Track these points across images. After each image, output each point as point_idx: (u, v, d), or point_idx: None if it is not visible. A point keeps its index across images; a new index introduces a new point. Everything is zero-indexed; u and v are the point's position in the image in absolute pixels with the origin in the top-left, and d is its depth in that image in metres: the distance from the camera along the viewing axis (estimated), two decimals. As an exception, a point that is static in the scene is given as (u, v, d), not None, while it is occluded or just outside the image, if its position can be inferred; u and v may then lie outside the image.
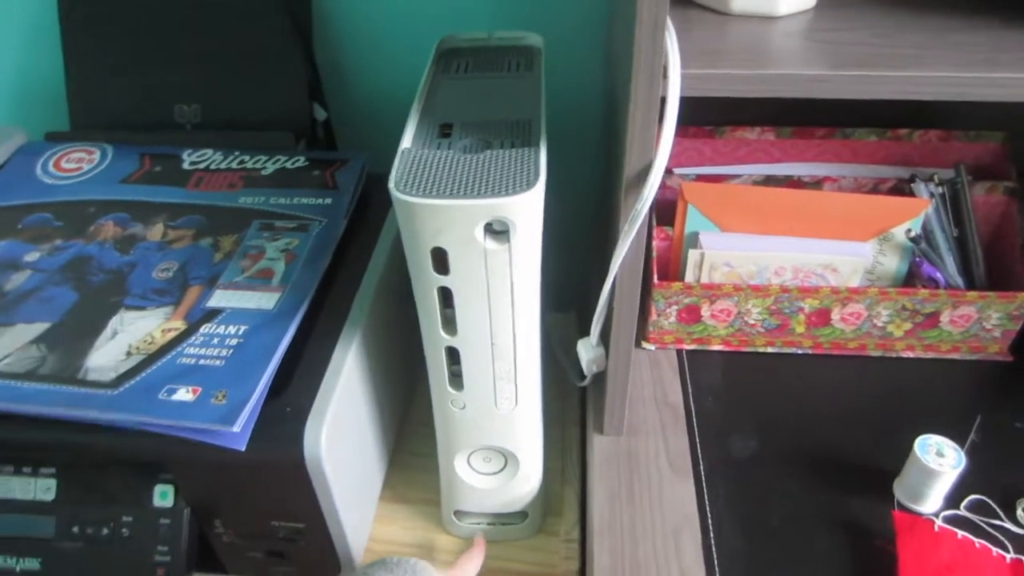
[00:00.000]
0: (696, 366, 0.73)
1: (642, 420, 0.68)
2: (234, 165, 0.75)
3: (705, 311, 0.72)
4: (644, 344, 0.75)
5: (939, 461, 0.57)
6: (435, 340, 0.56)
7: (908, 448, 0.58)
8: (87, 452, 0.55)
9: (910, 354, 0.72)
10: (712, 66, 0.49)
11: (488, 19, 0.82)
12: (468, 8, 0.82)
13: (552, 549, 0.68)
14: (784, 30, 0.55)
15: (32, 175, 0.74)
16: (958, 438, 0.60)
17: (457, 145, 0.53)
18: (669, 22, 0.46)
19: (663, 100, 0.49)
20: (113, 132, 0.79)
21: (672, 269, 0.74)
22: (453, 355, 0.56)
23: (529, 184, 0.48)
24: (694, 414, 0.68)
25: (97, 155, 0.76)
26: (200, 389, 0.53)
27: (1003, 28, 0.53)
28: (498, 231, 0.49)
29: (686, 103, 0.49)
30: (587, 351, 0.63)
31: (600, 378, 0.66)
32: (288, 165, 0.75)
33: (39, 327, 0.60)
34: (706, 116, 0.75)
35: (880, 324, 0.71)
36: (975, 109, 0.63)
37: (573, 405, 0.80)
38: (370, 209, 0.74)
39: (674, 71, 0.48)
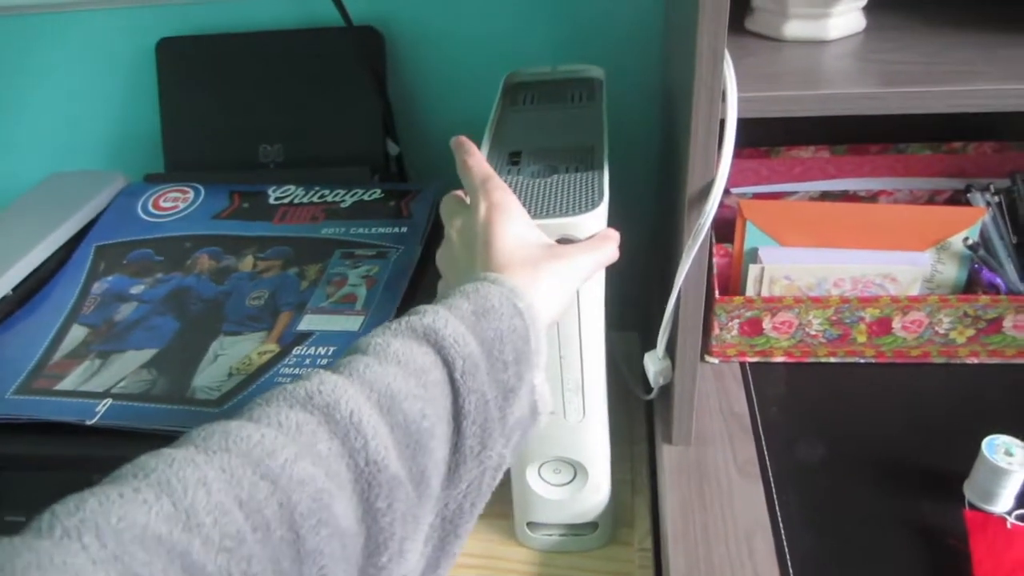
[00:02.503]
0: (760, 378, 0.75)
1: (709, 430, 0.70)
2: (315, 199, 0.80)
3: (767, 323, 0.74)
4: (708, 358, 0.77)
5: (1008, 460, 0.58)
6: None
7: (976, 450, 0.60)
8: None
9: (974, 360, 0.73)
10: (768, 89, 0.52)
11: (552, 52, 0.87)
12: (533, 43, 0.87)
13: (626, 558, 0.70)
14: (836, 53, 0.58)
15: (134, 214, 0.81)
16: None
17: (526, 171, 0.57)
18: (726, 50, 0.50)
19: (722, 122, 0.52)
20: (204, 172, 0.86)
21: (733, 285, 0.77)
22: (525, 367, 0.59)
23: (594, 204, 0.51)
24: (760, 423, 0.70)
25: (191, 194, 0.82)
26: (298, 404, 0.57)
27: (1050, 42, 0.55)
28: None
29: (743, 125, 0.52)
30: (654, 363, 0.66)
31: (667, 390, 0.68)
32: (365, 197, 0.80)
33: (148, 353, 0.65)
34: (762, 138, 0.78)
35: (942, 331, 0.72)
36: (1028, 119, 0.65)
37: (640, 422, 0.82)
38: (443, 236, 0.78)
39: (731, 94, 0.51)
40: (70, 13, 0.91)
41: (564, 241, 0.51)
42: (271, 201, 0.81)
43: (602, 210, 0.51)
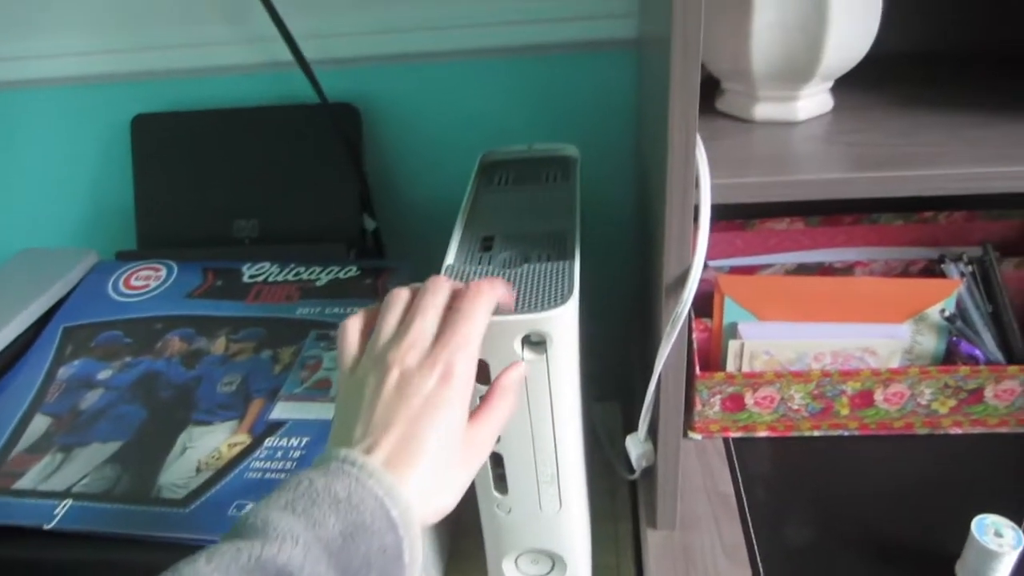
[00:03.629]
0: (744, 454, 0.74)
1: (694, 512, 0.69)
2: (290, 277, 0.79)
3: (748, 399, 0.73)
4: (691, 434, 0.76)
5: (998, 542, 0.57)
6: (479, 446, 0.58)
7: (966, 526, 0.59)
8: (160, 570, 0.58)
9: (958, 430, 0.73)
10: (740, 175, 0.52)
11: (528, 130, 0.87)
12: (509, 120, 0.88)
13: (611, 646, 0.68)
14: (805, 135, 0.59)
15: (104, 293, 0.79)
16: (1015, 514, 0.60)
17: (497, 259, 0.57)
18: (698, 137, 0.50)
19: (696, 207, 0.52)
20: (178, 249, 0.84)
21: (713, 359, 0.76)
22: (497, 460, 0.58)
23: (563, 299, 0.50)
24: (746, 503, 0.69)
25: (163, 272, 0.81)
26: (269, 502, 0.56)
27: (1016, 123, 0.56)
28: (536, 342, 0.52)
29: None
30: (636, 447, 0.65)
31: (650, 472, 0.67)
32: (341, 275, 0.79)
33: (112, 446, 0.63)
34: (736, 210, 0.79)
35: (924, 402, 0.71)
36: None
37: (624, 499, 0.80)
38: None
39: (705, 181, 0.51)
40: (44, 89, 0.91)
41: (534, 336, 0.50)
42: (245, 279, 0.80)
43: (572, 304, 0.50)
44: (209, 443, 0.62)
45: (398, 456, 0.41)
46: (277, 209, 0.86)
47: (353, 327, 0.49)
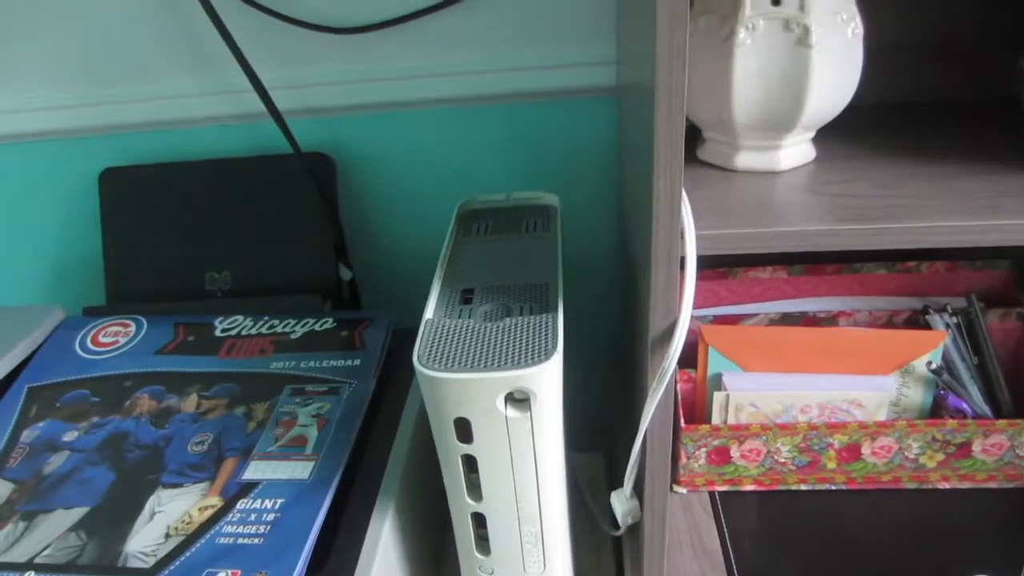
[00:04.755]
0: (730, 508, 0.72)
1: (681, 570, 0.67)
2: (264, 330, 0.77)
3: (735, 452, 0.72)
4: (676, 488, 0.75)
5: (991, 602, 0.56)
6: (461, 506, 0.56)
7: (957, 587, 0.57)
8: (126, 641, 0.55)
9: (946, 485, 0.72)
10: (724, 226, 0.52)
11: (506, 179, 0.86)
12: (487, 169, 0.87)
13: None
14: (788, 184, 0.58)
15: (71, 351, 0.77)
16: (1005, 572, 0.59)
17: (478, 312, 0.55)
18: (683, 191, 0.49)
19: (682, 260, 0.51)
20: (148, 303, 0.82)
21: (698, 411, 0.75)
22: (479, 520, 0.56)
23: (547, 355, 0.49)
24: (733, 560, 0.67)
25: (132, 328, 0.79)
26: (240, 572, 0.53)
27: (1002, 174, 0.55)
28: (519, 399, 0.50)
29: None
30: (621, 503, 0.63)
31: (635, 528, 0.65)
32: (316, 327, 0.77)
33: (78, 512, 0.60)
34: (719, 259, 0.78)
35: (912, 456, 0.70)
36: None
37: (608, 555, 0.78)
38: (398, 367, 0.75)
39: (690, 233, 0.50)
40: (9, 144, 0.89)
41: (518, 393, 0.49)
42: (217, 333, 0.78)
43: (556, 359, 0.49)
44: (179, 507, 0.60)
45: None
46: (250, 261, 0.85)
47: None
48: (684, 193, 0.50)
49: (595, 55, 0.79)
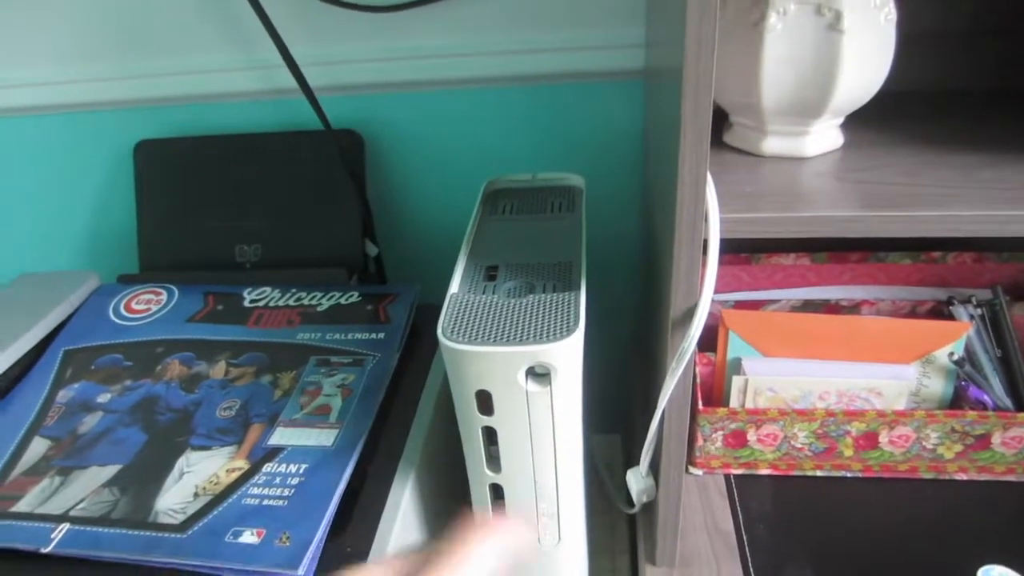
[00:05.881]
0: (745, 491, 0.73)
1: (694, 549, 0.68)
2: (291, 302, 0.79)
3: (751, 436, 0.72)
4: (692, 469, 0.75)
5: (1003, 592, 0.56)
6: (480, 477, 0.57)
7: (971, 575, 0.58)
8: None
9: (963, 476, 0.72)
10: (750, 210, 0.52)
11: (533, 159, 0.87)
12: (513, 148, 0.87)
13: None
14: (815, 171, 0.58)
15: (105, 317, 0.79)
16: (1020, 566, 0.59)
17: (502, 289, 0.56)
18: (708, 174, 0.49)
19: (705, 242, 0.51)
20: (179, 273, 0.84)
21: (716, 394, 0.75)
22: (497, 491, 0.57)
23: (569, 330, 0.50)
24: (746, 542, 0.68)
25: (164, 296, 0.81)
26: (264, 531, 0.55)
27: (1027, 165, 0.55)
28: (540, 374, 0.51)
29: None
30: (637, 481, 0.64)
31: (650, 507, 0.66)
32: (342, 301, 0.78)
33: (111, 469, 0.62)
34: (742, 243, 0.78)
35: (930, 446, 0.71)
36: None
37: (623, 533, 0.79)
38: (421, 341, 0.77)
39: (714, 216, 0.51)
40: (48, 116, 0.91)
41: (539, 368, 0.50)
42: (246, 303, 0.79)
43: (578, 335, 0.50)
44: (207, 468, 0.61)
45: None
46: (279, 234, 0.86)
47: None
48: (709, 176, 0.50)
49: (624, 38, 0.79)
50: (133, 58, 0.86)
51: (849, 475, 0.73)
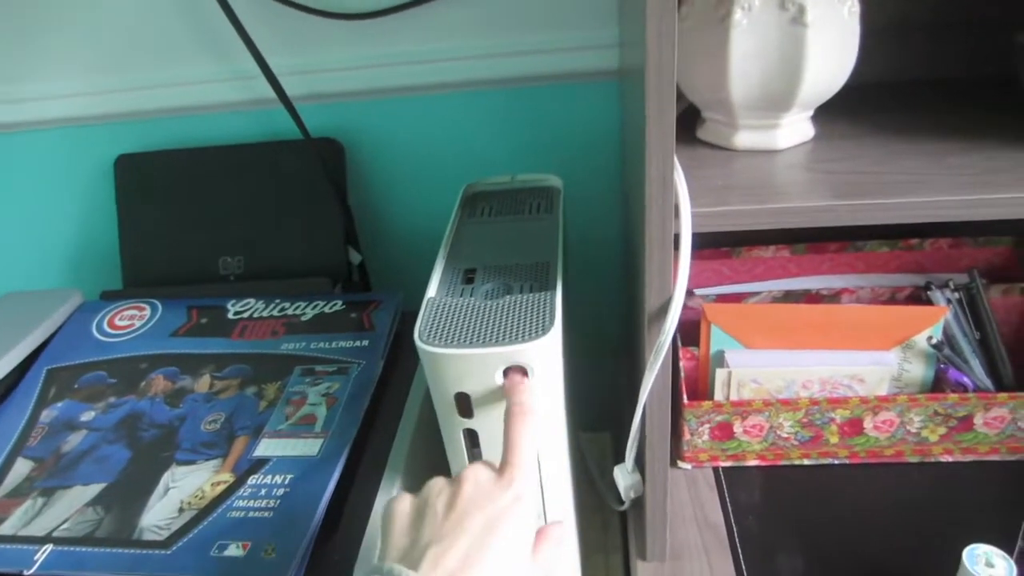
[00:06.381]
0: (733, 483, 0.73)
1: (684, 543, 0.68)
2: (275, 313, 0.79)
3: (737, 427, 0.73)
4: (680, 463, 0.76)
5: (989, 572, 0.56)
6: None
7: (958, 556, 0.58)
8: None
9: (948, 458, 0.72)
10: (721, 203, 0.52)
11: (511, 161, 0.87)
12: (492, 152, 0.88)
13: None
14: (786, 163, 0.59)
15: (88, 334, 0.79)
16: (1006, 544, 0.60)
17: (479, 291, 0.56)
18: (677, 163, 0.50)
19: (677, 237, 0.52)
20: (163, 287, 0.84)
21: (701, 387, 0.76)
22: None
23: (545, 329, 0.50)
24: (736, 534, 0.68)
25: (148, 311, 0.81)
26: (250, 544, 0.55)
27: (994, 150, 0.56)
28: None
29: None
30: (624, 478, 0.64)
31: (639, 502, 0.66)
32: (326, 310, 0.78)
33: (95, 488, 0.62)
34: (722, 238, 0.79)
35: (914, 430, 0.71)
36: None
37: (615, 531, 0.80)
38: (405, 347, 0.77)
39: (685, 209, 0.51)
40: (25, 132, 0.91)
41: (514, 368, 0.50)
42: (230, 316, 0.79)
43: (554, 334, 0.50)
44: (192, 482, 0.61)
45: (466, 566, 0.41)
46: (262, 245, 0.86)
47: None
48: (680, 171, 0.51)
49: (598, 39, 0.79)
50: (111, 73, 0.86)
51: (836, 462, 0.74)
